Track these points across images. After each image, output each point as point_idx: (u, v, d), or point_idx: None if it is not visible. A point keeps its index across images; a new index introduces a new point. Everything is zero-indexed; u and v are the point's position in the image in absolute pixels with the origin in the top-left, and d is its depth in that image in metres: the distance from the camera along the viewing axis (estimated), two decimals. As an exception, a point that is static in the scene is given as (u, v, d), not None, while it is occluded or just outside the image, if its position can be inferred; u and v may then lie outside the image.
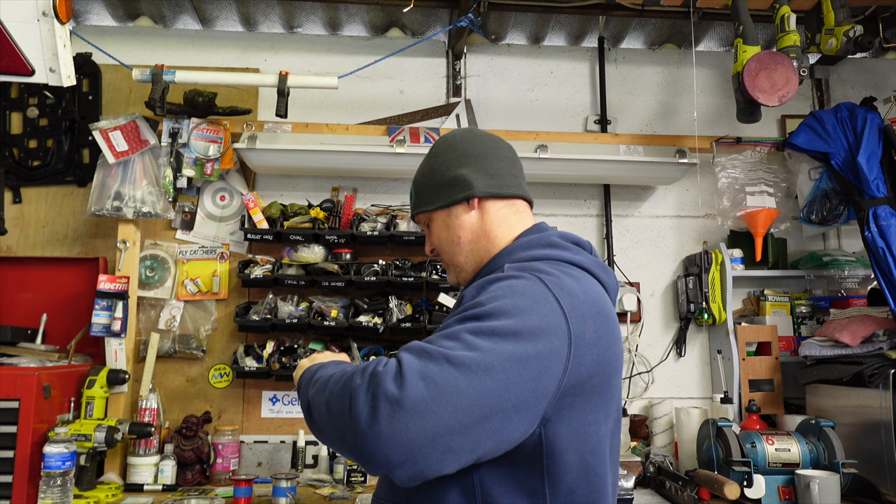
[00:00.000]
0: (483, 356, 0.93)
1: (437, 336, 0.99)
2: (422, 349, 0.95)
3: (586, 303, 1.07)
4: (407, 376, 0.90)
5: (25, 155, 2.83)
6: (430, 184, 1.31)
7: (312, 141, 2.83)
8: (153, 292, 2.79)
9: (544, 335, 0.99)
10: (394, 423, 0.88)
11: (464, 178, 1.27)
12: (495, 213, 1.28)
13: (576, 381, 1.02)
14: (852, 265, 2.92)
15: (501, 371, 0.93)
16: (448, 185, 1.29)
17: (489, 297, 1.03)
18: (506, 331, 0.96)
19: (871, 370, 2.34)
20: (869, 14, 2.81)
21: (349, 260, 2.76)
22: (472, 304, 1.03)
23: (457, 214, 1.28)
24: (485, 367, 0.92)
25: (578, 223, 3.09)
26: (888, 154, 2.62)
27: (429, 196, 1.31)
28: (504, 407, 0.93)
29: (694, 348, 3.06)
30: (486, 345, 0.94)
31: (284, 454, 2.72)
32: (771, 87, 2.42)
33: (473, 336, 0.95)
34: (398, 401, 0.88)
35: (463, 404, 0.90)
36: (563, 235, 1.23)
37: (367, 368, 0.96)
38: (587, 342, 1.04)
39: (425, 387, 0.89)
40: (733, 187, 2.94)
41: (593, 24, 3.14)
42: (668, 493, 2.35)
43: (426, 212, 1.32)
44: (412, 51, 2.98)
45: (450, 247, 1.30)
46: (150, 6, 2.99)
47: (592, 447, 1.07)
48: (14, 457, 2.14)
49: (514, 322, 0.97)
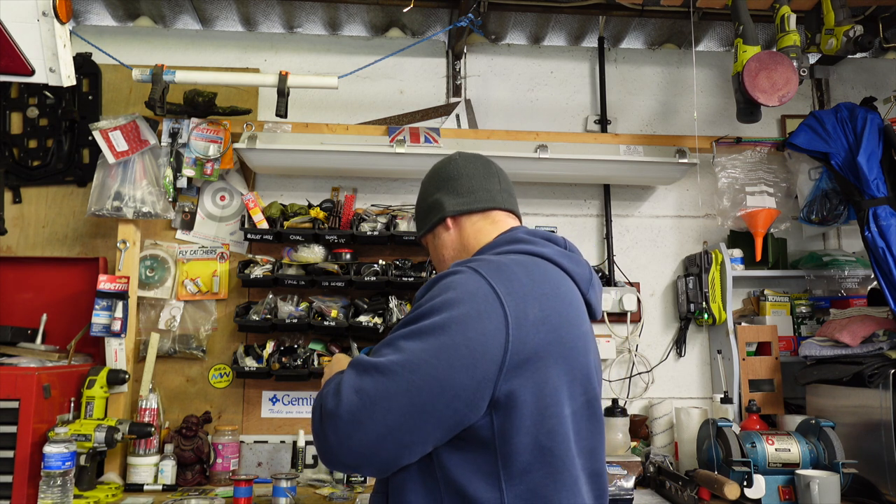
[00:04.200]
0: (409, 356, 1.04)
1: (380, 344, 1.12)
2: (358, 363, 1.08)
3: (529, 285, 1.13)
4: (343, 392, 1.04)
5: (25, 155, 2.83)
6: (419, 211, 1.48)
7: (312, 141, 2.83)
8: (153, 292, 2.79)
9: (474, 322, 1.06)
10: (338, 434, 1.02)
11: (437, 201, 1.41)
12: (470, 226, 1.38)
13: (522, 360, 1.07)
14: (852, 265, 2.92)
15: (429, 366, 1.03)
16: (427, 211, 1.44)
17: (429, 296, 1.13)
18: (433, 327, 1.06)
19: (871, 370, 2.34)
20: (869, 14, 2.81)
21: (349, 260, 2.76)
22: (415, 307, 1.14)
23: (439, 234, 1.42)
24: (411, 367, 1.03)
25: (578, 223, 3.09)
26: (888, 154, 2.62)
27: (419, 223, 1.48)
28: (443, 397, 1.03)
29: (694, 348, 3.06)
30: (414, 345, 1.05)
31: (284, 454, 2.72)
32: (771, 87, 2.42)
33: (405, 340, 1.07)
34: (337, 415, 1.03)
35: (396, 406, 1.02)
36: (531, 232, 1.31)
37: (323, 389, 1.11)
38: (530, 322, 1.09)
39: (358, 398, 1.02)
40: (733, 187, 2.94)
41: (593, 24, 3.14)
42: (668, 493, 2.35)
43: (420, 237, 1.49)
44: (412, 51, 2.98)
45: (439, 264, 1.44)
46: (150, 6, 2.99)
47: (549, 429, 1.10)
48: (14, 457, 2.14)
49: (442, 317, 1.06)
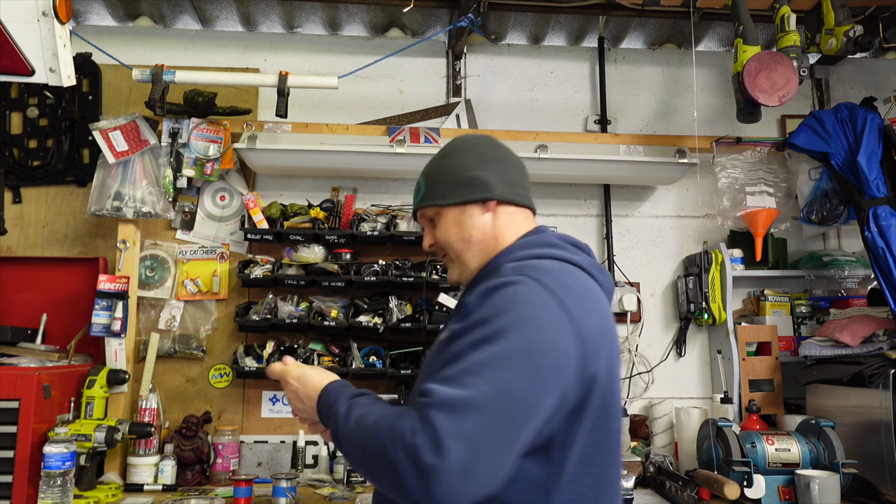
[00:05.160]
0: (502, 387, 0.98)
1: (452, 365, 1.02)
2: (444, 402, 0.97)
3: (587, 299, 1.14)
4: (444, 443, 0.93)
5: (25, 155, 2.83)
6: (445, 180, 1.33)
7: (312, 141, 2.83)
8: (153, 292, 2.79)
9: (552, 341, 1.05)
10: (448, 488, 0.93)
11: (483, 179, 1.30)
12: (506, 217, 1.32)
13: (590, 375, 1.09)
14: (852, 265, 2.92)
15: (522, 393, 1.00)
16: (465, 184, 1.30)
17: (493, 311, 1.06)
18: (515, 351, 1.01)
19: (871, 370, 2.34)
20: (869, 14, 2.81)
21: (349, 260, 2.76)
22: (479, 321, 1.06)
23: (471, 213, 1.30)
24: (507, 399, 0.98)
25: (578, 223, 3.09)
26: (888, 154, 2.62)
27: (442, 191, 1.32)
28: (534, 422, 1.02)
29: (694, 348, 3.06)
30: (503, 374, 0.99)
31: (284, 454, 2.72)
32: (771, 87, 2.42)
33: (490, 367, 1.00)
34: (445, 469, 0.92)
35: (500, 443, 0.97)
36: (561, 237, 1.29)
37: (401, 437, 0.96)
38: (594, 336, 1.10)
39: (463, 447, 0.93)
40: (733, 187, 2.94)
41: (593, 24, 3.14)
42: (668, 493, 2.35)
43: (438, 206, 1.32)
44: (412, 51, 2.98)
45: (459, 244, 1.31)
46: (150, 6, 2.99)
47: (596, 440, 1.12)
48: (14, 457, 2.14)
49: (521, 339, 1.02)
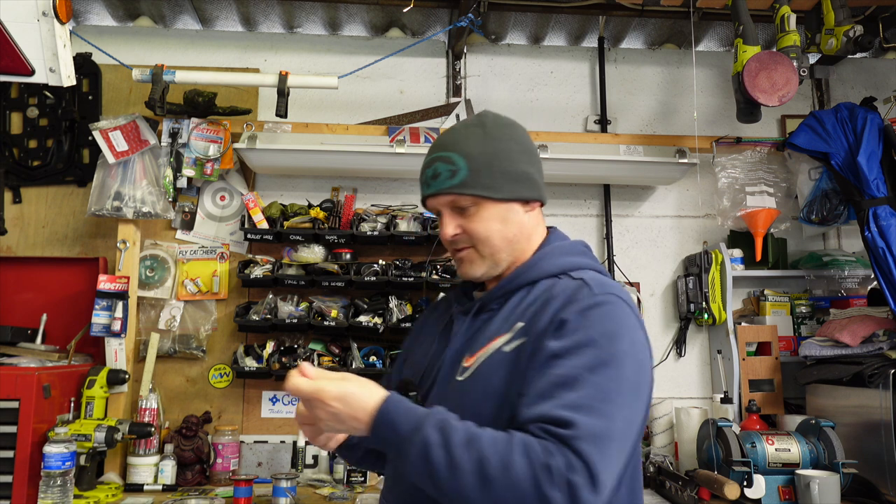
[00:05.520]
0: (630, 414, 1.05)
1: (579, 392, 1.01)
2: (594, 436, 0.97)
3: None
4: (599, 478, 0.94)
5: (25, 155, 2.83)
6: (495, 170, 1.22)
7: (312, 141, 2.83)
8: (153, 292, 2.79)
9: (648, 365, 1.14)
10: None
11: (532, 177, 1.26)
12: (538, 217, 1.30)
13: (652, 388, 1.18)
14: (852, 265, 2.92)
15: (638, 418, 1.09)
16: (516, 180, 1.23)
17: (600, 332, 1.07)
18: (632, 377, 1.07)
19: (871, 370, 2.34)
20: (869, 14, 2.81)
21: (349, 260, 2.76)
22: (587, 342, 1.06)
23: (516, 211, 1.24)
24: (631, 425, 1.06)
25: (578, 223, 3.09)
26: (888, 154, 2.62)
27: (490, 181, 1.21)
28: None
29: (694, 348, 3.06)
30: (628, 401, 1.05)
31: (284, 454, 2.72)
32: (771, 87, 2.42)
33: (617, 395, 1.03)
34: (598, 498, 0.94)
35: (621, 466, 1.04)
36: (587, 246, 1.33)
37: (559, 475, 0.93)
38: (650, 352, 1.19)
39: (611, 479, 0.99)
40: (733, 187, 2.94)
41: (593, 24, 3.14)
42: (668, 493, 2.35)
43: (483, 197, 1.21)
44: (412, 51, 2.98)
45: (500, 242, 1.23)
46: (150, 6, 2.99)
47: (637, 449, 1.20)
48: (14, 457, 2.14)
49: (634, 364, 1.08)
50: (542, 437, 0.96)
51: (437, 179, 1.22)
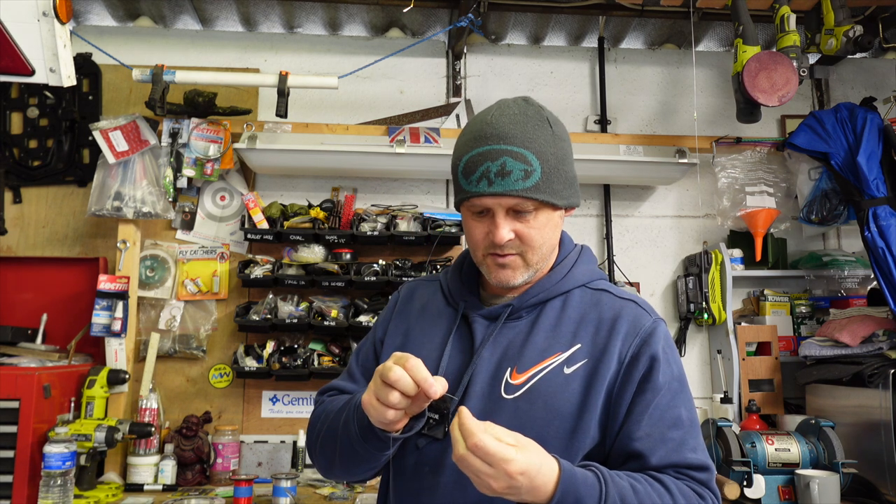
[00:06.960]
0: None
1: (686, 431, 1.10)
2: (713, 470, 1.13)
3: None
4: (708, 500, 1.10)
5: (25, 155, 2.83)
6: (561, 175, 1.12)
7: (312, 141, 2.83)
8: (153, 292, 2.79)
9: None
10: None
11: (577, 182, 1.18)
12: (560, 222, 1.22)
13: None
14: (852, 265, 2.92)
15: None
16: (571, 185, 1.15)
17: (676, 362, 1.17)
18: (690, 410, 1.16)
19: (870, 370, 2.34)
20: (869, 14, 2.81)
21: (349, 260, 2.76)
22: (677, 376, 1.14)
23: (561, 217, 1.17)
24: None
25: (578, 223, 3.09)
26: (888, 154, 2.62)
27: (558, 187, 1.11)
28: None
29: (694, 348, 3.06)
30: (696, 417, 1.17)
31: (284, 454, 2.72)
32: (771, 87, 2.42)
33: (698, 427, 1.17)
34: None
35: None
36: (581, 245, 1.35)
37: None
38: None
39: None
40: (733, 187, 2.94)
41: (593, 24, 3.14)
42: (668, 493, 2.35)
43: (549, 204, 1.10)
44: (412, 51, 2.98)
45: (548, 249, 1.16)
46: (150, 6, 2.99)
47: None
48: (14, 457, 2.14)
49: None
50: (685, 480, 1.07)
51: (506, 178, 1.07)
